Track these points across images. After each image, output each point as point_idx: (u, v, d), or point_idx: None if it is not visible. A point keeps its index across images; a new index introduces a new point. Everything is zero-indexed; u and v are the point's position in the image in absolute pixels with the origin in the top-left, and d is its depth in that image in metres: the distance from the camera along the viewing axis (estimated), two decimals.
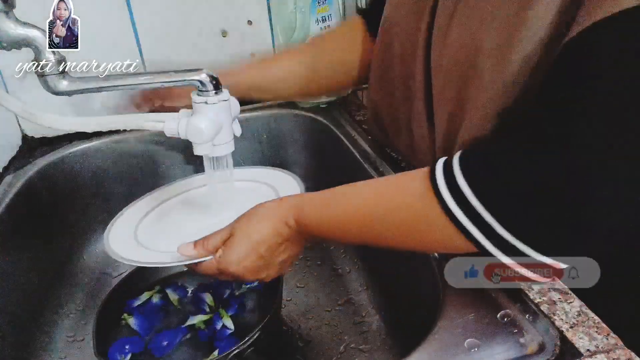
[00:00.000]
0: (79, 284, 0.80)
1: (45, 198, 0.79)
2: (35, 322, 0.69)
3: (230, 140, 0.57)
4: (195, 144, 0.54)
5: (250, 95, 0.76)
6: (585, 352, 0.41)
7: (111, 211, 0.67)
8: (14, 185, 0.74)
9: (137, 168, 0.88)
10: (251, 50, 0.92)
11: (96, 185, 0.86)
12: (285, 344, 0.68)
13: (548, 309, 0.45)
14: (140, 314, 0.65)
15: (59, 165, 0.82)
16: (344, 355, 0.66)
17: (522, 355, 0.42)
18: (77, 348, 0.70)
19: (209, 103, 0.53)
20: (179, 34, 0.86)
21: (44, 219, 0.77)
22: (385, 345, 0.67)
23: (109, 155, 0.86)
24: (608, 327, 0.43)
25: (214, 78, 0.52)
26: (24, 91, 0.79)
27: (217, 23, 0.88)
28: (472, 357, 0.42)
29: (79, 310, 0.76)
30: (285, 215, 0.52)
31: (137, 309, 0.66)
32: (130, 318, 0.65)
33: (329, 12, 0.87)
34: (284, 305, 0.74)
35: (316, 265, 0.82)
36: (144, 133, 0.86)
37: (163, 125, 0.54)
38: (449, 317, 0.46)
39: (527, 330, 0.44)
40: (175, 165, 0.90)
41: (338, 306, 0.73)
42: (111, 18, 0.82)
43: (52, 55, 0.49)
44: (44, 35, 0.49)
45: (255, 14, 0.89)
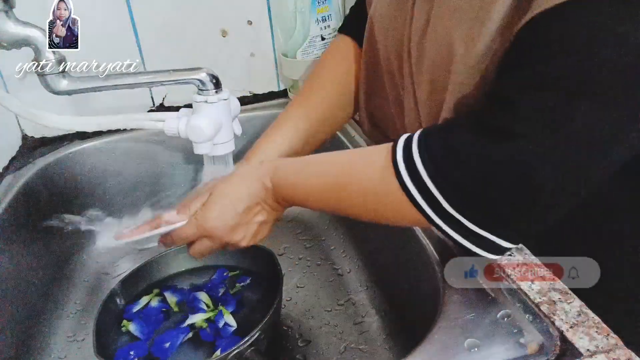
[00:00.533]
0: (79, 284, 0.80)
1: (45, 198, 0.79)
2: (35, 321, 0.69)
3: (230, 140, 0.57)
4: (195, 143, 0.54)
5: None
6: (585, 352, 0.41)
7: (111, 211, 0.66)
8: (14, 185, 0.74)
9: (137, 168, 0.88)
10: (251, 50, 0.92)
11: (96, 185, 0.86)
12: (285, 344, 0.68)
13: (548, 309, 0.45)
14: (140, 319, 0.65)
15: (59, 165, 0.82)
16: (344, 355, 0.66)
17: (522, 355, 0.42)
18: (77, 348, 0.70)
19: (209, 102, 0.53)
20: (179, 34, 0.86)
21: (44, 219, 0.77)
22: (385, 345, 0.67)
23: (109, 155, 0.86)
24: (608, 327, 0.43)
25: (214, 77, 0.52)
26: (24, 91, 0.79)
27: (217, 23, 0.88)
28: (472, 357, 0.42)
29: (79, 310, 0.76)
30: (262, 175, 0.54)
31: (137, 314, 0.66)
32: (130, 324, 0.65)
33: (329, 12, 0.87)
34: (284, 305, 0.74)
35: (316, 265, 0.82)
36: (144, 133, 0.86)
37: (163, 125, 0.54)
38: (449, 317, 0.46)
39: (527, 330, 0.44)
40: (175, 165, 0.90)
41: (338, 306, 0.73)
42: (111, 18, 0.82)
43: (52, 55, 0.49)
44: (44, 35, 0.49)
45: (255, 14, 0.90)
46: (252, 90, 0.96)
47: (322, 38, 0.88)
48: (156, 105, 0.91)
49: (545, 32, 0.37)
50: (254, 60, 0.93)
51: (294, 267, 0.81)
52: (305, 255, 0.84)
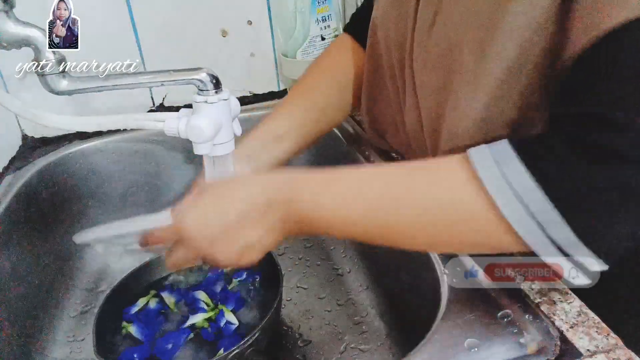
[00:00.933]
0: (79, 284, 0.80)
1: (45, 198, 0.79)
2: (35, 321, 0.69)
3: (230, 140, 0.57)
4: (195, 143, 0.54)
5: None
6: (585, 352, 0.41)
7: (111, 211, 0.66)
8: (14, 185, 0.74)
9: (137, 168, 0.88)
10: (251, 50, 0.92)
11: (96, 185, 0.86)
12: (285, 344, 0.68)
13: (548, 309, 0.45)
14: (140, 321, 0.65)
15: (59, 165, 0.82)
16: (344, 355, 0.66)
17: (522, 355, 0.42)
18: (77, 348, 0.70)
19: (209, 102, 0.52)
20: (179, 34, 0.86)
21: (44, 218, 0.77)
22: (385, 345, 0.67)
23: (108, 155, 0.86)
24: (608, 327, 0.43)
25: (214, 77, 0.52)
26: (24, 91, 0.79)
27: (217, 23, 0.88)
28: (472, 357, 0.42)
29: (79, 311, 0.76)
30: (270, 186, 0.44)
31: (136, 316, 0.66)
32: (130, 326, 0.64)
33: (329, 12, 0.87)
34: (284, 305, 0.74)
35: (316, 265, 0.82)
36: (144, 133, 0.86)
37: (163, 125, 0.54)
38: (449, 317, 0.46)
39: (527, 330, 0.44)
40: (175, 165, 0.90)
41: (338, 306, 0.73)
42: (111, 18, 0.82)
43: (52, 55, 0.49)
44: (44, 35, 0.49)
45: (255, 14, 0.90)
46: (252, 90, 0.96)
47: (322, 38, 0.88)
48: (156, 105, 0.91)
49: (622, 50, 0.34)
50: (254, 60, 0.93)
51: (294, 267, 0.81)
52: (305, 255, 0.84)
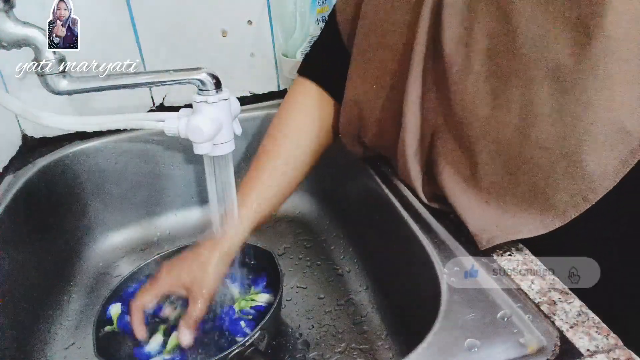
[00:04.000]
0: (79, 284, 0.80)
1: (45, 198, 0.79)
2: (35, 321, 0.69)
3: (230, 140, 0.57)
4: (195, 143, 0.54)
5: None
6: (585, 352, 0.41)
7: (111, 211, 0.66)
8: (14, 185, 0.74)
9: (137, 168, 0.88)
10: (251, 50, 0.92)
11: (96, 185, 0.86)
12: (285, 344, 0.68)
13: (548, 309, 0.45)
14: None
15: (59, 165, 0.82)
16: (344, 355, 0.66)
17: (522, 355, 0.42)
18: (77, 348, 0.70)
19: (209, 102, 0.53)
20: (179, 34, 0.87)
21: (44, 218, 0.77)
22: (385, 345, 0.67)
23: (108, 155, 0.86)
24: (608, 327, 0.43)
25: (214, 77, 0.52)
26: (24, 91, 0.79)
27: (217, 23, 0.88)
28: (472, 357, 0.42)
29: (79, 310, 0.76)
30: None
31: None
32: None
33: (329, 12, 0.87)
34: (284, 305, 0.74)
35: (316, 265, 0.82)
36: (144, 133, 0.86)
37: (163, 125, 0.54)
38: (449, 317, 0.46)
39: (527, 330, 0.44)
40: (175, 165, 0.90)
41: (338, 306, 0.73)
42: (111, 18, 0.82)
43: (52, 55, 0.49)
44: (44, 35, 0.49)
45: (255, 14, 0.90)
46: (252, 90, 0.96)
47: None
48: (156, 105, 0.91)
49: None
50: (254, 60, 0.93)
51: (294, 267, 0.81)
52: (305, 255, 0.84)
